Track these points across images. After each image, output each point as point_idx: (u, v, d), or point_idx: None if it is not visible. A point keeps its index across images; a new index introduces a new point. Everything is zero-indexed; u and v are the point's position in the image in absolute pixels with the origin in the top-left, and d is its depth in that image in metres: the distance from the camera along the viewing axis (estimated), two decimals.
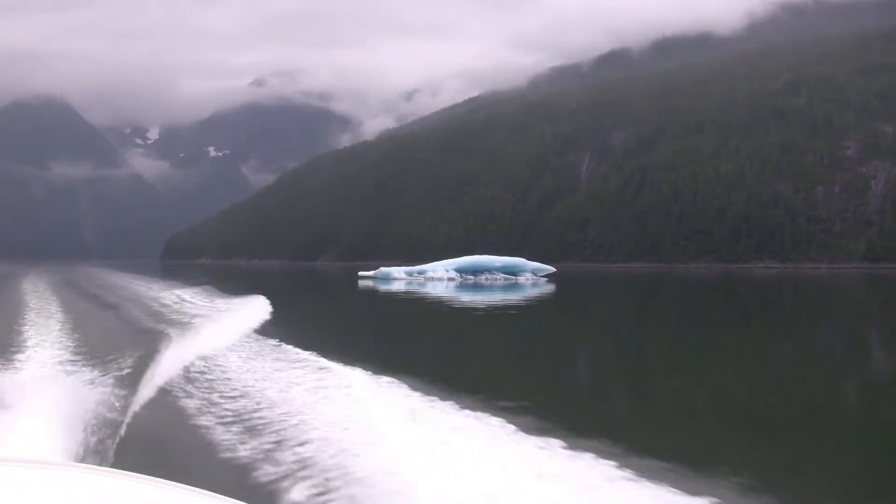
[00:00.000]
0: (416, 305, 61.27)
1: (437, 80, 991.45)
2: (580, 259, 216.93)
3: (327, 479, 11.67)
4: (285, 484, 11.69)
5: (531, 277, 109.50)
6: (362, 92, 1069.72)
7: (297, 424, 14.87)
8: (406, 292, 77.17)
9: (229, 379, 20.36)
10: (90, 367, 21.24)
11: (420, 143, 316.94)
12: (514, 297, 70.97)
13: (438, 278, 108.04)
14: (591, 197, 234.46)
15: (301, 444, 13.49)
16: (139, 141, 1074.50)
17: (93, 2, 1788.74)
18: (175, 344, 26.07)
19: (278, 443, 13.72)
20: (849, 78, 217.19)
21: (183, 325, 34.23)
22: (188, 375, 20.71)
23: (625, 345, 36.60)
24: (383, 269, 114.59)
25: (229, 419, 15.83)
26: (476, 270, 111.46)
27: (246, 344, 27.48)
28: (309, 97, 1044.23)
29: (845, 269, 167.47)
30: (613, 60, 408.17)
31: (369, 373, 20.46)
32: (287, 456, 12.89)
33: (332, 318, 54.41)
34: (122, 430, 14.38)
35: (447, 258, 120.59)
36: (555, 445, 13.36)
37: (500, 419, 15.18)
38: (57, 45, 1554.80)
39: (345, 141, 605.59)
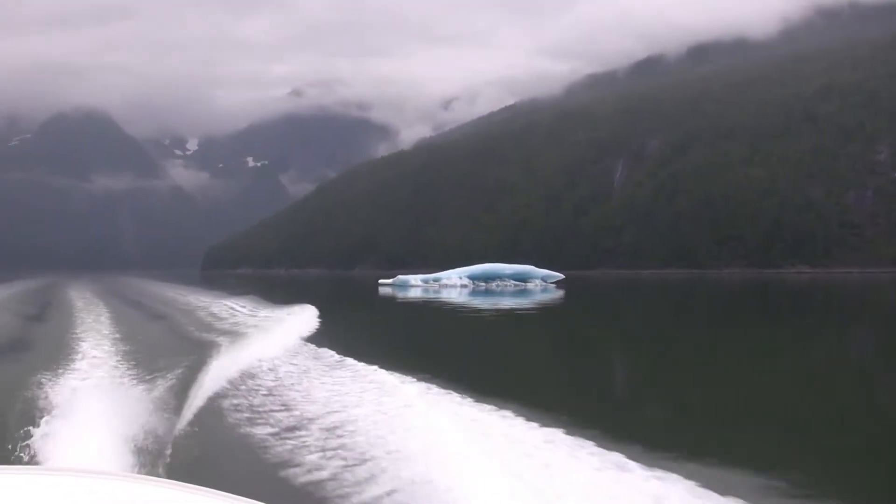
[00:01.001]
0: (446, 314, 62.16)
1: (474, 89, 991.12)
2: (614, 266, 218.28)
3: (380, 490, 11.75)
4: (335, 494, 11.82)
5: (540, 284, 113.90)
6: (400, 101, 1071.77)
7: (346, 433, 14.95)
8: (426, 300, 78.77)
9: (279, 388, 20.37)
10: (140, 377, 21.30)
11: (456, 151, 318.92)
12: (524, 301, 74.04)
13: (452, 285, 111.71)
14: (624, 204, 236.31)
15: (351, 453, 13.56)
16: (179, 152, 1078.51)
17: (132, 15, 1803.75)
18: (225, 353, 25.94)
19: (328, 452, 13.73)
20: (882, 82, 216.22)
21: (232, 334, 34.20)
22: (238, 385, 20.76)
23: (632, 347, 37.72)
24: (401, 277, 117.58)
25: (278, 429, 15.86)
26: (488, 278, 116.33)
27: (295, 353, 27.42)
28: (347, 107, 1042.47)
29: (877, 273, 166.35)
30: (649, 67, 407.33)
31: (418, 381, 20.55)
32: (336, 466, 12.93)
33: (375, 325, 54.87)
34: (172, 440, 14.31)
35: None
36: (591, 446, 13.72)
37: (548, 427, 15.11)
38: (97, 58, 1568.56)
39: (382, 150, 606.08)
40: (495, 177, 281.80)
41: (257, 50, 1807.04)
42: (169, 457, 13.18)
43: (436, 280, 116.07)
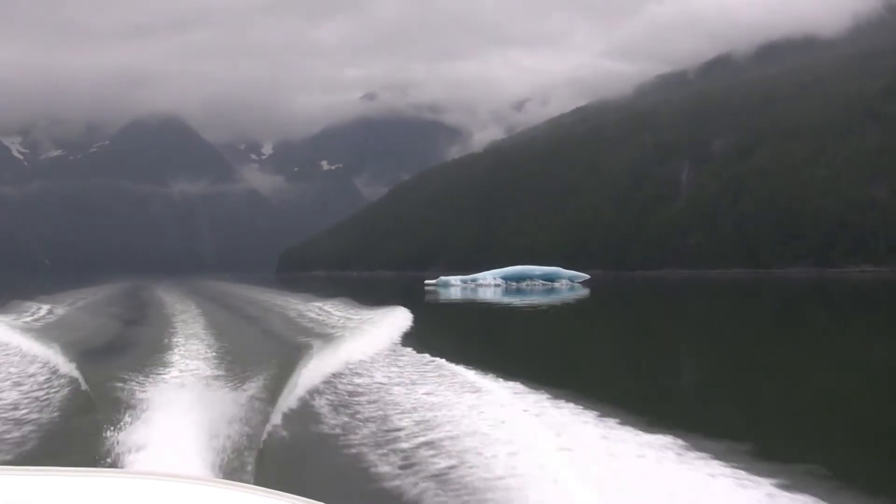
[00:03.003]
0: (510, 313, 65.63)
1: (546, 90, 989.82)
2: (680, 266, 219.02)
3: (469, 497, 11.82)
4: (423, 500, 11.96)
5: (567, 283, 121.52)
6: (472, 103, 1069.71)
7: (435, 437, 14.95)
8: (490, 302, 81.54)
9: (371, 391, 20.31)
10: (231, 379, 21.73)
11: (525, 153, 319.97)
12: (555, 298, 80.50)
13: (487, 285, 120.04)
14: (690, 205, 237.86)
15: (441, 458, 13.56)
16: (254, 156, 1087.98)
17: (207, 23, 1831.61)
18: (317, 356, 25.59)
19: (419, 458, 13.69)
20: None
21: (326, 336, 34.12)
22: (330, 387, 20.67)
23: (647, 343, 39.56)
24: (443, 278, 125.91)
25: (369, 433, 15.86)
26: (519, 278, 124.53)
27: (388, 355, 27.22)
28: (420, 110, 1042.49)
29: None
30: (718, 67, 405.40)
31: (506, 381, 20.75)
32: (428, 471, 12.92)
33: (450, 324, 57.07)
34: (261, 444, 14.36)
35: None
36: (678, 447, 14.16)
37: (630, 428, 15.55)
38: (174, 65, 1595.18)
39: (454, 152, 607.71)
40: (563, 178, 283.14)
41: (331, 54, 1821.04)
42: (254, 460, 13.26)
43: (473, 280, 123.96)
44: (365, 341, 30.93)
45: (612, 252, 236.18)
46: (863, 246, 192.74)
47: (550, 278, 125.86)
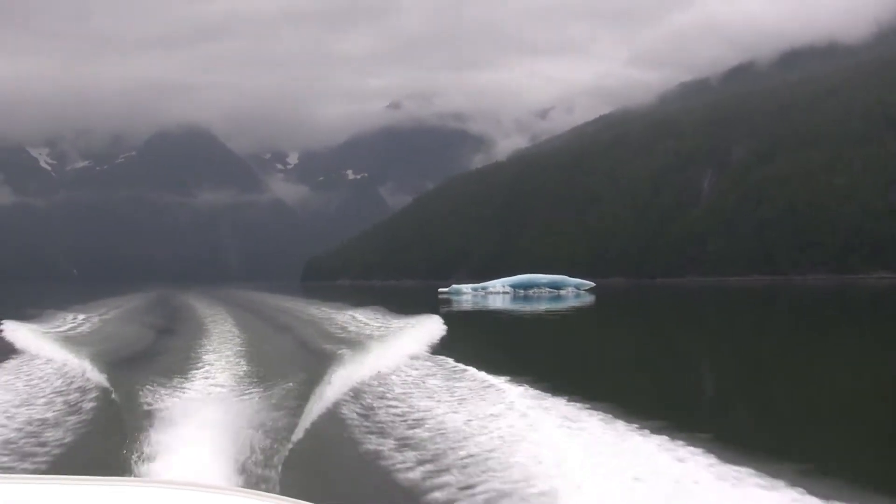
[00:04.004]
0: (534, 321, 66.91)
1: (570, 98, 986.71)
2: (700, 273, 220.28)
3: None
4: None
5: (573, 291, 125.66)
6: (497, 112, 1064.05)
7: (463, 448, 14.84)
8: (510, 310, 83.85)
9: (399, 400, 20.20)
10: (260, 388, 21.74)
11: (547, 162, 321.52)
12: (561, 306, 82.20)
13: (496, 292, 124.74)
14: (709, 212, 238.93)
15: (469, 469, 13.48)
16: (279, 166, 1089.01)
17: (232, 33, 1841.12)
18: (346, 364, 25.66)
19: (446, 469, 13.64)
20: None
21: (359, 344, 33.95)
22: (358, 396, 20.65)
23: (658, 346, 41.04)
24: (454, 287, 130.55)
25: (396, 443, 15.81)
26: (526, 286, 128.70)
27: (418, 364, 27.04)
28: (444, 118, 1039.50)
29: None
30: (741, 74, 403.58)
31: (536, 392, 20.35)
32: (455, 483, 12.84)
33: (474, 331, 57.35)
34: (287, 453, 14.33)
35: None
36: (706, 452, 14.04)
37: (657, 434, 15.44)
38: (199, 76, 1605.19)
39: (479, 161, 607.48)
40: (585, 187, 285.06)
41: (355, 64, 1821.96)
42: (280, 470, 13.22)
43: (483, 288, 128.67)
44: (395, 350, 30.87)
45: (632, 260, 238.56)
46: (881, 253, 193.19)
47: (557, 286, 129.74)
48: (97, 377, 23.54)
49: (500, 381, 21.86)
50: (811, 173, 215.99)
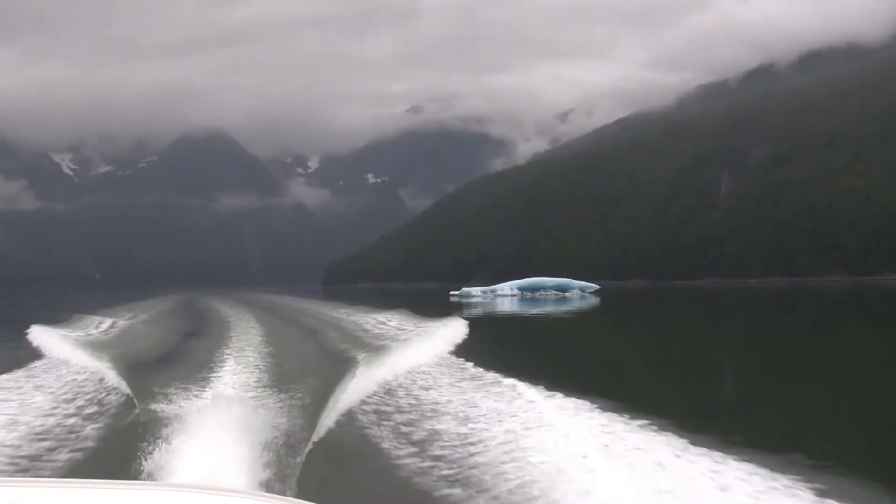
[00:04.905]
0: (555, 324, 67.53)
1: (591, 100, 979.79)
2: (719, 275, 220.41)
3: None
4: None
5: (578, 293, 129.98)
6: (517, 115, 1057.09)
7: (483, 452, 14.89)
8: (527, 314, 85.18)
9: (421, 403, 20.32)
10: (281, 392, 22.03)
11: (567, 165, 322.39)
12: (569, 307, 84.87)
13: (504, 295, 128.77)
14: (728, 214, 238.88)
15: (488, 473, 13.52)
16: (300, 170, 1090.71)
17: (253, 38, 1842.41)
18: (369, 367, 25.84)
19: (466, 472, 13.72)
20: None
21: (384, 348, 34.32)
22: (379, 399, 20.79)
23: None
24: (465, 289, 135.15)
25: (416, 446, 15.89)
26: (533, 288, 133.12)
27: (440, 366, 27.12)
28: (465, 122, 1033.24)
29: None
30: (761, 75, 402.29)
31: (557, 394, 20.36)
32: (475, 486, 12.91)
33: (501, 335, 57.84)
34: (304, 457, 14.43)
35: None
36: (730, 454, 14.21)
37: (681, 437, 15.53)
38: (220, 81, 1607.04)
39: (500, 164, 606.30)
40: (604, 189, 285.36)
41: (376, 68, 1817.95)
42: (298, 473, 13.35)
43: (492, 291, 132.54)
44: (417, 352, 31.02)
45: (651, 262, 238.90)
46: None
47: (562, 288, 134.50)
48: (120, 381, 23.81)
49: (521, 384, 21.82)
50: (830, 175, 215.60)
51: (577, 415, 17.88)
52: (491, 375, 24.09)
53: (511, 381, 22.45)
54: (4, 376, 25.76)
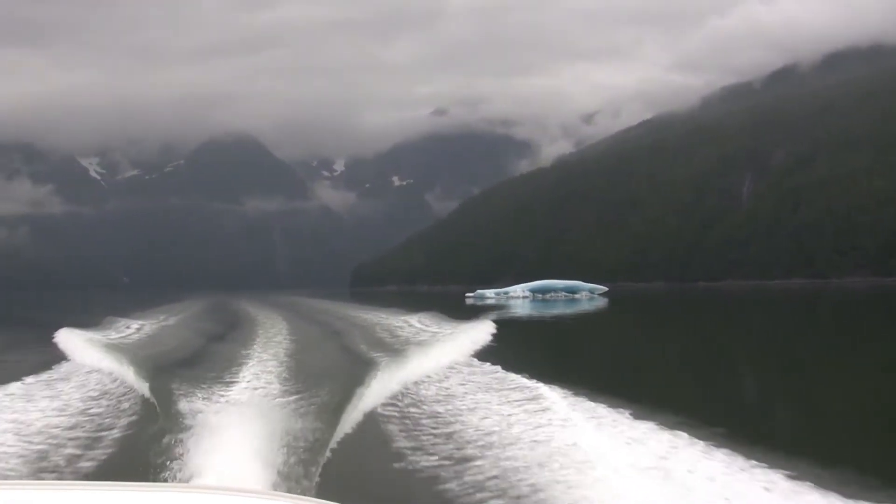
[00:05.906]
0: (573, 326, 69.38)
1: (615, 103, 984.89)
2: (741, 277, 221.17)
3: None
4: None
5: (587, 295, 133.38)
6: (542, 117, 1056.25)
7: (506, 456, 14.74)
8: (544, 316, 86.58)
9: (444, 405, 20.16)
10: (304, 393, 21.73)
11: (590, 167, 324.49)
12: (579, 309, 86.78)
13: (517, 297, 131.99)
14: (750, 216, 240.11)
15: (510, 477, 13.39)
16: (326, 173, 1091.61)
17: (278, 43, 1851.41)
18: (395, 369, 25.31)
19: (488, 475, 13.59)
20: None
21: (409, 349, 33.86)
22: (404, 401, 20.67)
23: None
24: (479, 291, 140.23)
25: (437, 448, 15.79)
26: (544, 290, 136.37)
27: (466, 369, 26.95)
28: (490, 124, 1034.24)
29: None
30: (785, 77, 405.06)
31: (579, 397, 20.30)
32: (496, 489, 12.81)
33: (526, 337, 57.48)
34: (325, 458, 14.39)
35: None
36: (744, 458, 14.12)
37: (703, 441, 15.41)
38: (246, 85, 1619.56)
39: (525, 166, 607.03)
40: (627, 191, 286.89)
41: (401, 71, 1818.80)
42: (319, 474, 13.30)
43: (505, 293, 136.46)
44: (442, 354, 30.63)
45: (674, 263, 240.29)
46: None
47: (572, 290, 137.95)
48: (143, 384, 23.54)
49: (544, 387, 21.59)
50: (852, 176, 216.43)
51: (600, 419, 17.74)
52: (515, 378, 23.91)
53: (535, 383, 22.30)
54: (30, 378, 25.81)
